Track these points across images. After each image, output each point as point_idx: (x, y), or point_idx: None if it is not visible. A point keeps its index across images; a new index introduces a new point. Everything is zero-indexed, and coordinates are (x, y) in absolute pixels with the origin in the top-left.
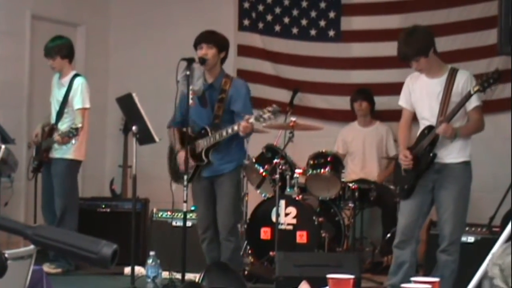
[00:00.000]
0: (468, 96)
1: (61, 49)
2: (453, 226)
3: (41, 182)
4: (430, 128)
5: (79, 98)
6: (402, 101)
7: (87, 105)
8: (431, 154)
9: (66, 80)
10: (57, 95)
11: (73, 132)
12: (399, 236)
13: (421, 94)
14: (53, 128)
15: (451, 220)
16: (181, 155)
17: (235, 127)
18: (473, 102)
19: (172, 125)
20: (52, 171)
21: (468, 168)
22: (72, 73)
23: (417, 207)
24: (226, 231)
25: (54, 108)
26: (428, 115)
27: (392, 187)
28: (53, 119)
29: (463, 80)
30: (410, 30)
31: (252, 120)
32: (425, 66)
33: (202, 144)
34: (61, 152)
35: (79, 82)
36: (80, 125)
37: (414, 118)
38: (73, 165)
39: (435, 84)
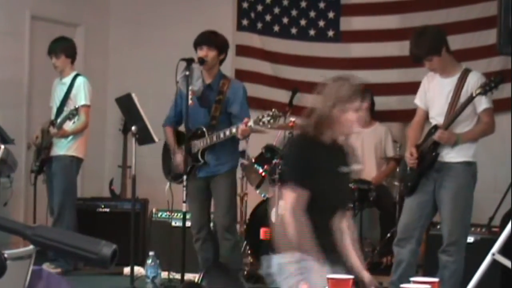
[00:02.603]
0: (470, 99)
1: (66, 48)
2: (450, 227)
3: (45, 182)
4: (436, 128)
5: (82, 95)
6: (417, 99)
7: (88, 103)
8: (433, 154)
9: (67, 79)
10: (59, 94)
11: (73, 113)
12: (398, 233)
13: (434, 93)
14: (52, 124)
15: (448, 220)
16: (178, 156)
17: (233, 130)
18: (483, 104)
19: (167, 123)
20: (53, 168)
21: (469, 169)
22: (74, 73)
23: (418, 207)
24: (224, 230)
25: (56, 106)
26: (436, 114)
27: (396, 183)
28: (53, 115)
29: (473, 81)
30: (420, 31)
31: (251, 123)
32: (438, 66)
33: (198, 144)
34: (62, 149)
35: (81, 80)
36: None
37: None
38: (72, 162)
39: (446, 84)
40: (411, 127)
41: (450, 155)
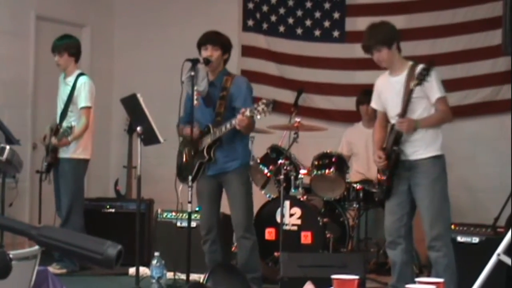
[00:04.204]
0: (409, 92)
1: (70, 47)
2: (430, 222)
3: (53, 182)
4: (393, 127)
5: (83, 97)
6: (373, 103)
7: (89, 104)
8: (394, 148)
9: (71, 79)
10: (62, 94)
11: (67, 131)
12: (386, 236)
13: (387, 94)
14: (58, 129)
15: (427, 215)
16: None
17: (233, 121)
18: (436, 94)
19: (181, 123)
20: (59, 171)
21: (438, 162)
22: (77, 72)
23: (398, 207)
24: (242, 229)
25: (60, 107)
26: (393, 113)
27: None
28: (58, 119)
29: None
30: (375, 24)
31: (247, 113)
32: (386, 58)
33: (204, 141)
34: (67, 152)
35: (82, 81)
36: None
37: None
38: (79, 165)
39: (396, 82)
40: (374, 131)
41: (418, 153)
